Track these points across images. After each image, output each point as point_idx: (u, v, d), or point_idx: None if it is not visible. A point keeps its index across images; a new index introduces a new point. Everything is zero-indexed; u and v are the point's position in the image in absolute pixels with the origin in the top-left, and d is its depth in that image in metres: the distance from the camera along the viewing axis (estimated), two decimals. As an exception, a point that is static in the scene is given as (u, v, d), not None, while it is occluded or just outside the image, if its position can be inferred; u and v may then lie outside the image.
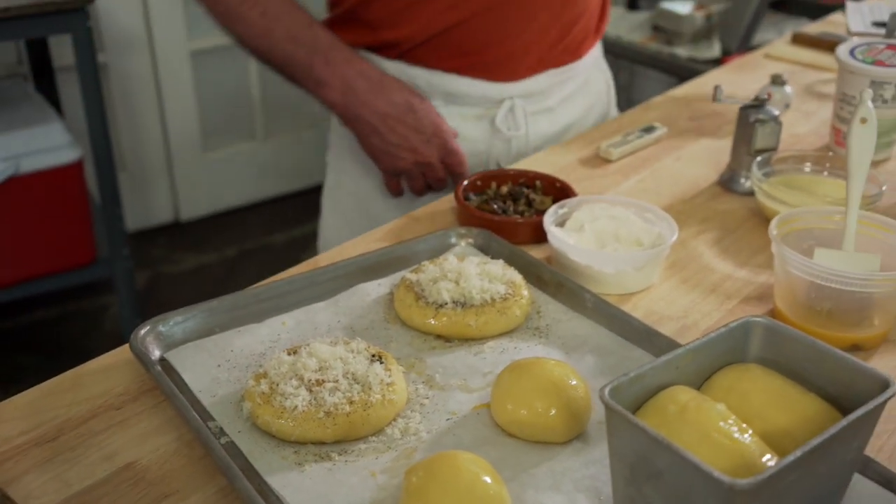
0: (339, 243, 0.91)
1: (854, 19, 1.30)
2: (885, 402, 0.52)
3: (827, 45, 1.44)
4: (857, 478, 0.59)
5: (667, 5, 1.97)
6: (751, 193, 0.99)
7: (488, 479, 0.55)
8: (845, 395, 0.55)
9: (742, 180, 1.00)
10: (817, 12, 1.90)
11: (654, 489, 0.51)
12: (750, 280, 0.84)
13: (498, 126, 1.08)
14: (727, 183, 1.02)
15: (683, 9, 1.95)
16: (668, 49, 1.95)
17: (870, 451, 0.62)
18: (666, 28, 1.96)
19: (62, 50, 2.29)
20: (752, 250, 0.89)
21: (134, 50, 2.47)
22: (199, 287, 2.44)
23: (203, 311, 0.75)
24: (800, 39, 1.48)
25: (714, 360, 0.58)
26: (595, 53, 1.17)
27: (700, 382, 0.58)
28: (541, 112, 1.11)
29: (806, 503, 0.52)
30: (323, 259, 0.87)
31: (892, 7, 1.71)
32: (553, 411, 0.63)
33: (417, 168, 1.03)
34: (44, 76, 2.25)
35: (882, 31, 1.61)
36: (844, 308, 0.73)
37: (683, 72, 1.92)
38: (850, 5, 1.73)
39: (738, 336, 0.59)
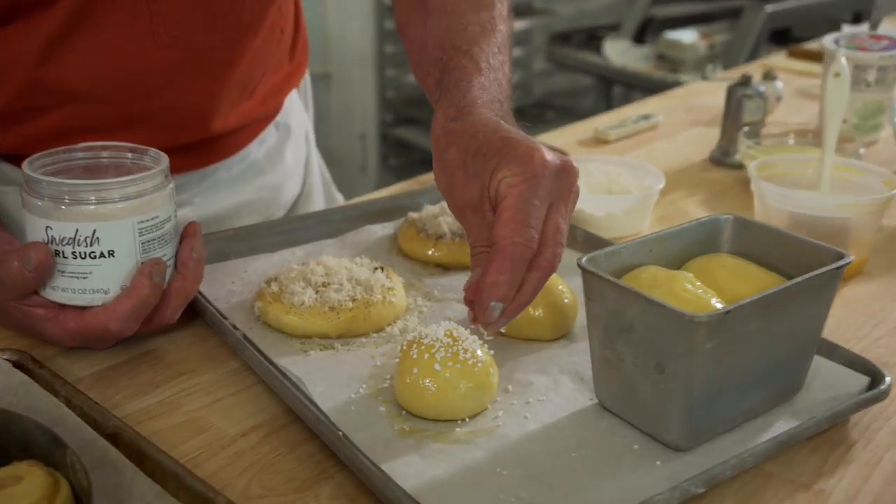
0: None
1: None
2: (839, 270, 0.57)
3: (821, 56, 1.51)
4: (824, 361, 0.63)
5: (671, 35, 2.06)
6: (739, 167, 1.04)
7: (479, 352, 0.60)
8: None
9: (731, 154, 1.06)
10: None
11: (626, 343, 0.55)
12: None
13: None
14: (717, 157, 1.08)
15: (687, 38, 2.04)
16: (672, 76, 2.03)
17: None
18: (670, 56, 2.05)
19: None
20: (737, 209, 0.94)
21: None
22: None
23: (220, 238, 0.81)
24: (796, 53, 1.56)
25: (686, 249, 0.63)
26: None
27: (673, 268, 0.63)
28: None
29: (767, 362, 0.56)
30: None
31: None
32: (539, 311, 0.68)
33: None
34: None
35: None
36: (820, 237, 0.78)
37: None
38: (846, 28, 1.81)
39: (709, 229, 0.64)
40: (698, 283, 0.57)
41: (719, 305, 0.56)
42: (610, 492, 0.51)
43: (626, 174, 0.92)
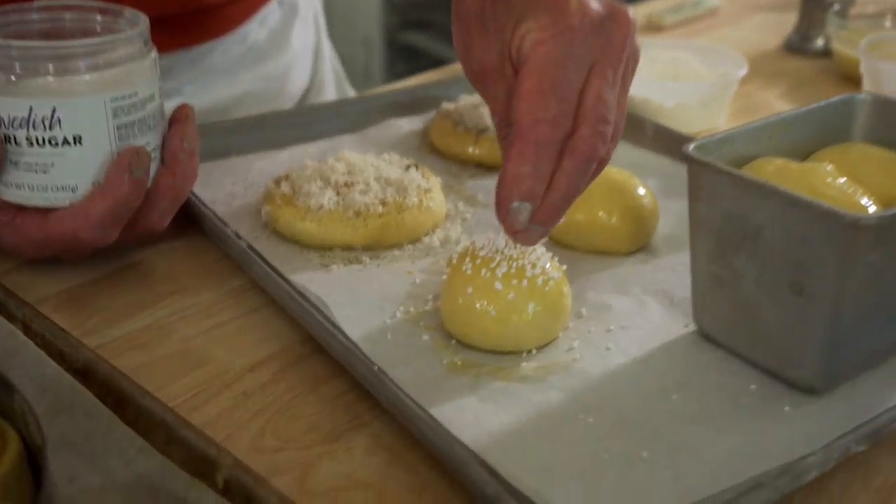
0: None
1: None
2: None
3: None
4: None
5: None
6: (823, 54, 0.90)
7: (549, 266, 0.47)
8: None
9: (812, 39, 0.91)
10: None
11: (748, 256, 0.42)
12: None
13: None
14: (795, 43, 0.93)
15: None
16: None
17: None
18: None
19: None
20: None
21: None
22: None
23: (217, 131, 0.67)
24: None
25: (813, 138, 0.50)
26: None
27: (796, 160, 0.49)
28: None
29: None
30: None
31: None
32: (614, 217, 0.55)
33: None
34: None
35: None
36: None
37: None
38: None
39: (840, 113, 0.51)
40: (842, 180, 0.44)
41: (872, 207, 0.43)
42: (733, 448, 0.39)
43: (695, 60, 0.78)
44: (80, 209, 0.48)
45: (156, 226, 0.52)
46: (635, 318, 0.49)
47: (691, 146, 0.45)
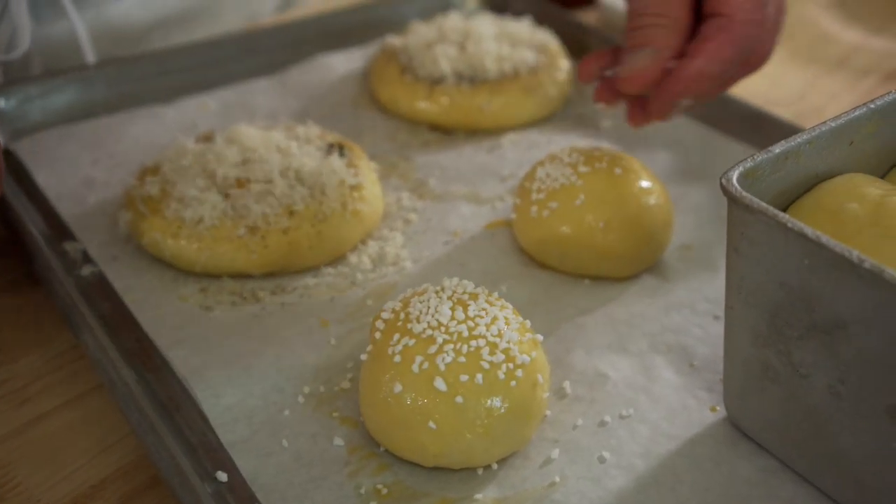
0: None
1: None
2: None
3: None
4: None
5: None
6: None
7: (515, 345, 0.31)
8: None
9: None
10: None
11: (820, 351, 0.27)
12: (893, 51, 0.58)
13: None
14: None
15: None
16: None
17: None
18: None
19: None
20: (892, 13, 0.63)
21: None
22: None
23: (78, 80, 0.50)
24: None
25: (906, 136, 0.33)
26: None
27: (882, 171, 0.33)
28: None
29: None
30: (267, 20, 0.60)
31: None
32: (612, 230, 0.39)
33: None
34: None
35: None
36: None
37: None
38: None
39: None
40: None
41: None
42: None
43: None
44: None
45: None
46: (641, 397, 0.34)
47: (734, 172, 0.29)
